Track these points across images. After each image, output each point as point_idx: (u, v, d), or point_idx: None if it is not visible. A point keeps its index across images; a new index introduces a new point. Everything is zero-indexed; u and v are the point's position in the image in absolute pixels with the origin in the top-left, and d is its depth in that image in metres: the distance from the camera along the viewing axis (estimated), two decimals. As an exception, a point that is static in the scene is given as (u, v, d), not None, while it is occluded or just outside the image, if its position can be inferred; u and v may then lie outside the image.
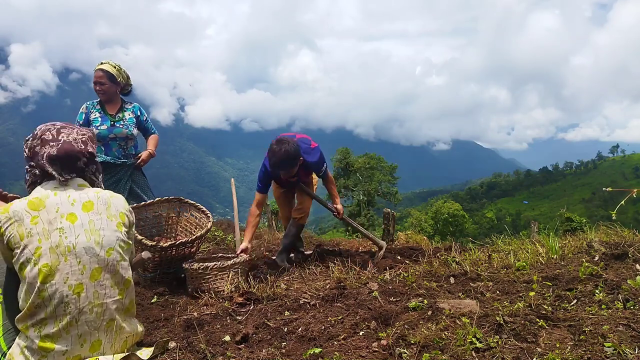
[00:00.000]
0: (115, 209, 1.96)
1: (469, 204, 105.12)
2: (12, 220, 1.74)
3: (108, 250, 1.86)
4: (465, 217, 45.34)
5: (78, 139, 1.93)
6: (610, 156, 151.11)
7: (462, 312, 2.10)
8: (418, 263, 3.54)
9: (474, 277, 2.78)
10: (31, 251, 1.72)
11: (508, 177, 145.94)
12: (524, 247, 3.49)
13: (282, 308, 2.49)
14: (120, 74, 3.98)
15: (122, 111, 4.09)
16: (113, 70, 3.93)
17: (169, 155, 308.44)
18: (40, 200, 1.80)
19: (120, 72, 3.98)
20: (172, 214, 3.98)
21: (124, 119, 4.06)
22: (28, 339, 1.74)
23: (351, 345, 1.91)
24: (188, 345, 2.08)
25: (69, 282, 1.75)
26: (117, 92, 4.05)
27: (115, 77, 3.94)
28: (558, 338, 1.78)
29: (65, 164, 1.88)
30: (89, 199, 1.90)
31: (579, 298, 2.21)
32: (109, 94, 4.00)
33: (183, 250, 3.49)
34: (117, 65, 3.97)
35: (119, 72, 3.97)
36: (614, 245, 2.93)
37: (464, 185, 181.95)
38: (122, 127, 4.01)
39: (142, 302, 2.95)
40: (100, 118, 3.99)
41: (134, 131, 4.07)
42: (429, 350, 1.79)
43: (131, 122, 4.09)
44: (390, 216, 5.87)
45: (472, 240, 4.28)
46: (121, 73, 3.99)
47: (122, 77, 4.00)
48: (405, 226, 33.07)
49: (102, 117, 4.00)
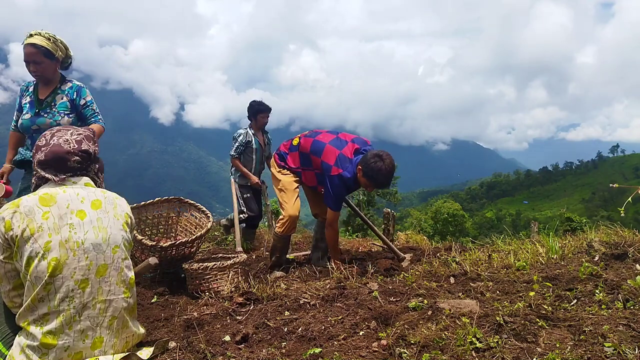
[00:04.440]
0: (120, 209, 2.00)
1: (469, 204, 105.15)
2: (22, 215, 1.76)
3: (114, 248, 1.90)
4: (465, 216, 45.33)
5: (71, 140, 1.95)
6: (611, 156, 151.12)
7: (462, 312, 2.10)
8: (418, 263, 3.55)
9: (474, 277, 2.78)
10: (41, 245, 1.74)
11: (508, 177, 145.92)
12: (524, 247, 3.49)
13: (282, 308, 2.49)
14: (57, 47, 3.15)
15: (54, 94, 3.27)
16: (47, 43, 3.09)
17: (169, 155, 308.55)
18: (51, 196, 1.83)
19: (57, 44, 3.15)
20: (172, 214, 3.98)
21: (52, 105, 3.24)
22: (29, 336, 1.75)
23: (351, 345, 1.91)
24: (188, 345, 2.08)
25: (76, 276, 1.78)
26: (56, 69, 3.25)
27: (52, 51, 3.12)
28: (558, 338, 1.78)
29: (56, 165, 1.91)
30: (96, 197, 1.94)
31: (579, 298, 2.21)
32: (47, 74, 3.20)
33: (183, 250, 3.50)
34: (51, 36, 3.13)
35: (54, 45, 3.13)
36: (614, 245, 2.93)
37: (464, 185, 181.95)
38: (46, 117, 3.20)
39: (142, 302, 2.95)
40: (29, 104, 3.27)
41: (62, 121, 3.21)
42: (429, 350, 1.79)
43: (62, 108, 3.24)
44: (390, 216, 5.87)
45: (472, 240, 4.28)
46: (58, 45, 3.16)
47: (59, 51, 3.18)
48: (405, 226, 33.03)
49: (30, 103, 3.27)
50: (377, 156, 3.23)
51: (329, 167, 3.38)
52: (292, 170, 3.70)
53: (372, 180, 3.25)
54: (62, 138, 1.95)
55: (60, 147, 1.92)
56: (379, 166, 3.20)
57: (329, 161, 3.40)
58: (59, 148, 1.92)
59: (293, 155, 3.70)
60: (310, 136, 3.62)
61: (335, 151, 3.42)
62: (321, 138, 3.55)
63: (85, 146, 1.98)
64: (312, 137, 3.60)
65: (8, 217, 1.75)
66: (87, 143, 2.00)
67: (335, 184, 3.36)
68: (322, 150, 3.47)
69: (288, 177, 3.69)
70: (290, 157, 3.71)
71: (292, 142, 3.73)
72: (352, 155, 3.44)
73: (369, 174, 3.24)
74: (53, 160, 1.91)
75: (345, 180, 3.35)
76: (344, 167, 3.35)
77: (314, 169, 3.58)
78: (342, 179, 3.34)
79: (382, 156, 3.23)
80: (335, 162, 3.37)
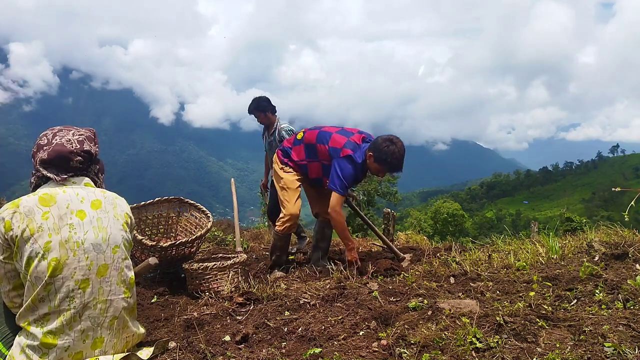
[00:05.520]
0: (120, 209, 2.00)
1: (469, 204, 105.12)
2: (22, 215, 1.76)
3: (114, 248, 1.90)
4: (465, 216, 45.31)
5: (73, 140, 1.95)
6: (611, 156, 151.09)
7: (462, 312, 2.10)
8: (418, 263, 3.55)
9: (474, 277, 2.78)
10: (41, 245, 1.74)
11: (508, 177, 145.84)
12: (524, 247, 3.49)
13: (282, 308, 2.49)
14: None
15: None
16: None
17: (169, 155, 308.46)
18: (51, 197, 1.83)
19: None
20: (172, 214, 3.98)
21: None
22: (30, 336, 1.75)
23: (351, 345, 1.91)
24: (188, 345, 2.08)
25: (76, 276, 1.78)
26: None
27: None
28: (558, 338, 1.78)
29: (58, 165, 1.91)
30: (96, 197, 1.94)
31: (579, 298, 2.21)
32: None
33: (183, 250, 3.50)
34: None
35: None
36: (614, 245, 2.93)
37: (464, 185, 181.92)
38: None
39: (142, 302, 2.95)
40: None
41: None
42: (429, 350, 1.79)
43: None
44: (390, 216, 5.87)
45: (472, 240, 4.28)
46: None
47: None
48: (405, 226, 33.02)
49: None
50: (389, 140, 3.23)
51: (338, 150, 3.37)
52: (297, 164, 3.68)
53: (385, 164, 3.23)
54: (64, 138, 1.95)
55: (63, 146, 1.92)
56: (392, 149, 3.18)
57: (338, 145, 3.39)
58: (62, 148, 1.92)
59: (297, 149, 3.69)
60: (316, 129, 3.64)
61: (343, 138, 3.44)
62: (327, 129, 3.59)
63: (87, 146, 1.98)
64: (317, 129, 3.63)
65: (8, 217, 1.75)
66: (88, 143, 2.00)
67: (344, 165, 3.32)
68: (329, 138, 3.47)
69: (290, 176, 3.68)
70: (295, 151, 3.70)
71: (296, 137, 3.74)
72: (361, 142, 3.45)
73: (382, 158, 3.22)
74: (56, 160, 1.90)
75: (355, 162, 3.32)
76: (353, 150, 3.35)
77: (320, 160, 3.57)
78: (353, 161, 3.32)
79: (394, 140, 3.23)
80: (345, 145, 3.38)
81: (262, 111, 4.83)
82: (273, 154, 4.76)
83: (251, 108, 4.87)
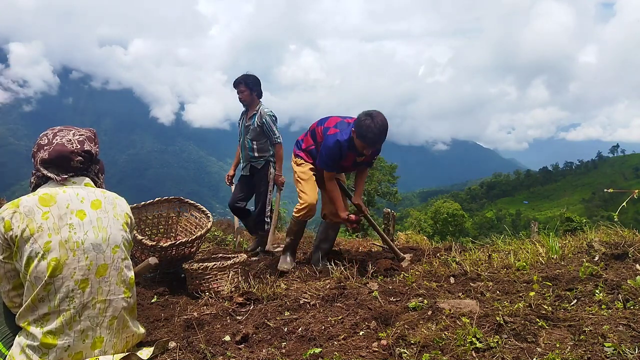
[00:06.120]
0: (120, 209, 2.00)
1: (469, 204, 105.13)
2: (21, 215, 1.76)
3: (114, 248, 1.90)
4: (465, 216, 45.31)
5: (73, 140, 1.95)
6: (611, 156, 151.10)
7: (462, 312, 2.10)
8: (418, 263, 3.54)
9: (474, 277, 2.78)
10: (40, 245, 1.74)
11: (508, 177, 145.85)
12: (524, 247, 3.49)
13: (282, 308, 2.49)
14: None
15: None
16: None
17: (169, 155, 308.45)
18: (50, 197, 1.83)
19: None
20: (172, 214, 3.98)
21: None
22: (30, 336, 1.75)
23: (351, 345, 1.91)
24: (188, 345, 2.08)
25: (76, 276, 1.78)
26: None
27: None
28: (558, 338, 1.78)
29: (59, 165, 1.91)
30: (96, 197, 1.94)
31: (579, 298, 2.21)
32: None
33: (183, 250, 3.50)
34: None
35: None
36: (614, 245, 2.93)
37: (464, 185, 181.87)
38: None
39: (142, 302, 2.95)
40: None
41: None
42: (429, 350, 1.79)
43: None
44: (390, 216, 5.88)
45: (472, 240, 4.28)
46: None
47: None
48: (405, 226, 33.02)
49: None
50: (367, 115, 3.26)
51: (327, 129, 3.55)
52: (307, 151, 3.84)
53: (364, 139, 3.24)
54: (64, 138, 1.95)
55: (63, 146, 1.92)
56: (368, 123, 3.20)
57: (329, 125, 3.58)
58: (63, 147, 1.92)
59: (306, 139, 3.88)
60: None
61: (337, 119, 3.62)
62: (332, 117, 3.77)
63: (87, 146, 1.98)
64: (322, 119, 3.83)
65: (8, 217, 1.75)
66: (89, 143, 2.00)
67: (326, 143, 3.46)
68: (325, 120, 3.70)
69: (302, 167, 3.83)
70: (304, 141, 3.90)
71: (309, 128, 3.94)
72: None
73: (361, 133, 3.24)
74: (56, 160, 1.90)
75: (340, 142, 3.39)
76: (341, 129, 3.47)
77: (319, 142, 3.71)
78: (337, 141, 3.40)
79: (373, 114, 3.25)
80: (335, 125, 3.53)
81: (249, 87, 4.69)
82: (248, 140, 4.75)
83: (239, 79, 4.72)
